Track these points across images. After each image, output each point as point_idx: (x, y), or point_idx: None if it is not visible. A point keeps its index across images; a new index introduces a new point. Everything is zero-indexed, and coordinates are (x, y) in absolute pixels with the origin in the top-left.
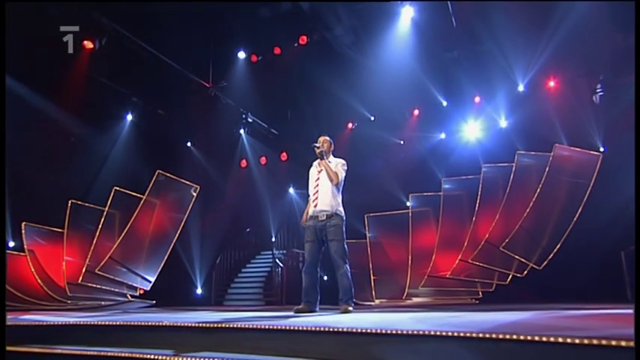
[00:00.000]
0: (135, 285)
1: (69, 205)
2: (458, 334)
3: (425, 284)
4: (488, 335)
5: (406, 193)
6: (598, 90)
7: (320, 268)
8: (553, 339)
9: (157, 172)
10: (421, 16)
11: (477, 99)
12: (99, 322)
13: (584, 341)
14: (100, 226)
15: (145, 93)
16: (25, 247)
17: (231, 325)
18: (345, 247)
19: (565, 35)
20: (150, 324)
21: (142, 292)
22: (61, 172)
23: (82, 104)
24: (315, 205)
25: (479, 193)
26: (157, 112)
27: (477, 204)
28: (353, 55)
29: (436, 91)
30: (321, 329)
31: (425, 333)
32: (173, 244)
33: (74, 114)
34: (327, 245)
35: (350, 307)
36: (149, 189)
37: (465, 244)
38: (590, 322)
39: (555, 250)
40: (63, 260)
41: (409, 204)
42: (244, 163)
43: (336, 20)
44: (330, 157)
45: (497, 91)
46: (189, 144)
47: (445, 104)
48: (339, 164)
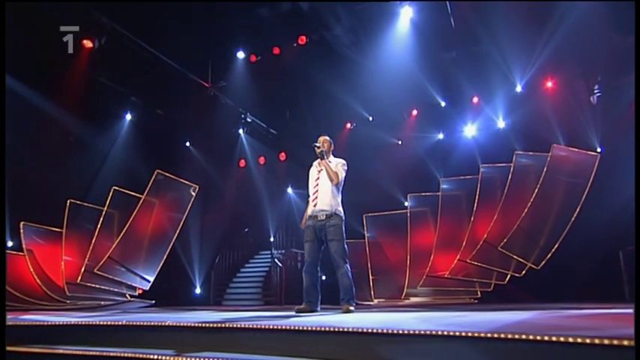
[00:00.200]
0: (134, 285)
1: (68, 205)
2: (465, 334)
3: (423, 284)
4: (497, 335)
5: (404, 193)
6: (595, 91)
7: (319, 267)
8: (563, 339)
9: (155, 172)
10: (420, 17)
11: (475, 99)
12: (101, 322)
13: (594, 341)
14: (99, 226)
15: (144, 93)
16: (24, 246)
17: (234, 325)
18: (345, 246)
19: (563, 36)
20: (153, 324)
21: (141, 291)
22: (60, 172)
23: (80, 103)
24: (315, 205)
25: (477, 193)
26: (156, 112)
27: (475, 204)
28: (352, 56)
29: (434, 92)
30: (326, 329)
31: (432, 333)
32: (172, 243)
33: (73, 113)
34: (326, 245)
35: (351, 307)
36: (148, 189)
37: (464, 244)
38: (595, 322)
39: (553, 250)
40: (62, 260)
41: (407, 204)
42: (243, 162)
43: (336, 20)
44: (330, 157)
45: (496, 92)
46: (188, 144)
47: (443, 104)
48: (339, 164)
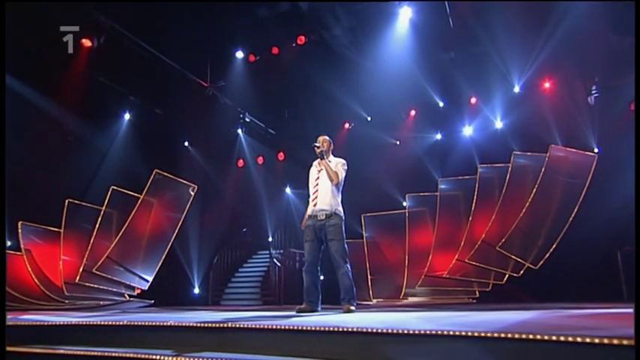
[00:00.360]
0: (132, 284)
1: (66, 204)
2: (472, 333)
3: (422, 284)
4: (503, 335)
5: (403, 193)
6: (593, 91)
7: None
8: (572, 338)
9: (154, 172)
10: (419, 17)
11: (474, 100)
12: (102, 322)
13: (604, 341)
14: (98, 226)
15: (143, 92)
16: (22, 246)
17: (237, 325)
18: (346, 246)
19: (561, 37)
20: (154, 324)
21: (139, 291)
22: (58, 171)
23: (79, 102)
24: (315, 205)
25: (475, 193)
26: (154, 112)
27: (473, 204)
28: (351, 56)
29: (433, 92)
30: (331, 329)
31: (438, 333)
32: (171, 243)
33: (71, 112)
34: (326, 245)
35: (352, 307)
36: (147, 188)
37: (462, 244)
38: (599, 322)
39: (551, 250)
40: (60, 260)
41: (406, 204)
42: (241, 162)
43: (335, 20)
44: (330, 157)
45: (494, 92)
46: (186, 143)
47: (442, 105)
48: (339, 164)
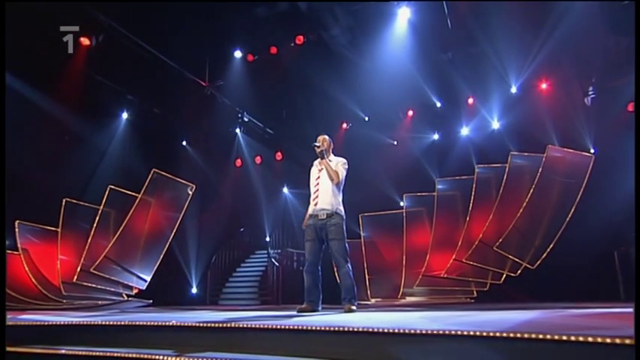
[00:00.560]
0: (130, 284)
1: (63, 204)
2: (480, 333)
3: (420, 283)
4: (512, 335)
5: (400, 193)
6: (590, 92)
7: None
8: (582, 338)
9: (152, 171)
10: (417, 17)
11: (471, 100)
12: (103, 322)
13: (615, 340)
14: (95, 225)
15: (141, 91)
16: (19, 245)
17: (239, 325)
18: (347, 246)
19: (558, 38)
20: (156, 324)
21: (137, 291)
22: (55, 170)
23: (77, 101)
24: (316, 204)
25: (472, 193)
26: (152, 111)
27: (470, 204)
28: (349, 56)
29: (430, 92)
30: (334, 329)
31: (445, 333)
32: (169, 243)
33: (69, 111)
34: (327, 244)
35: (353, 307)
36: (145, 188)
37: (459, 243)
38: (603, 321)
39: (549, 250)
40: (57, 259)
41: (403, 204)
42: (239, 162)
43: (333, 20)
44: (331, 156)
45: (491, 93)
46: (184, 143)
47: (439, 105)
48: (339, 163)
